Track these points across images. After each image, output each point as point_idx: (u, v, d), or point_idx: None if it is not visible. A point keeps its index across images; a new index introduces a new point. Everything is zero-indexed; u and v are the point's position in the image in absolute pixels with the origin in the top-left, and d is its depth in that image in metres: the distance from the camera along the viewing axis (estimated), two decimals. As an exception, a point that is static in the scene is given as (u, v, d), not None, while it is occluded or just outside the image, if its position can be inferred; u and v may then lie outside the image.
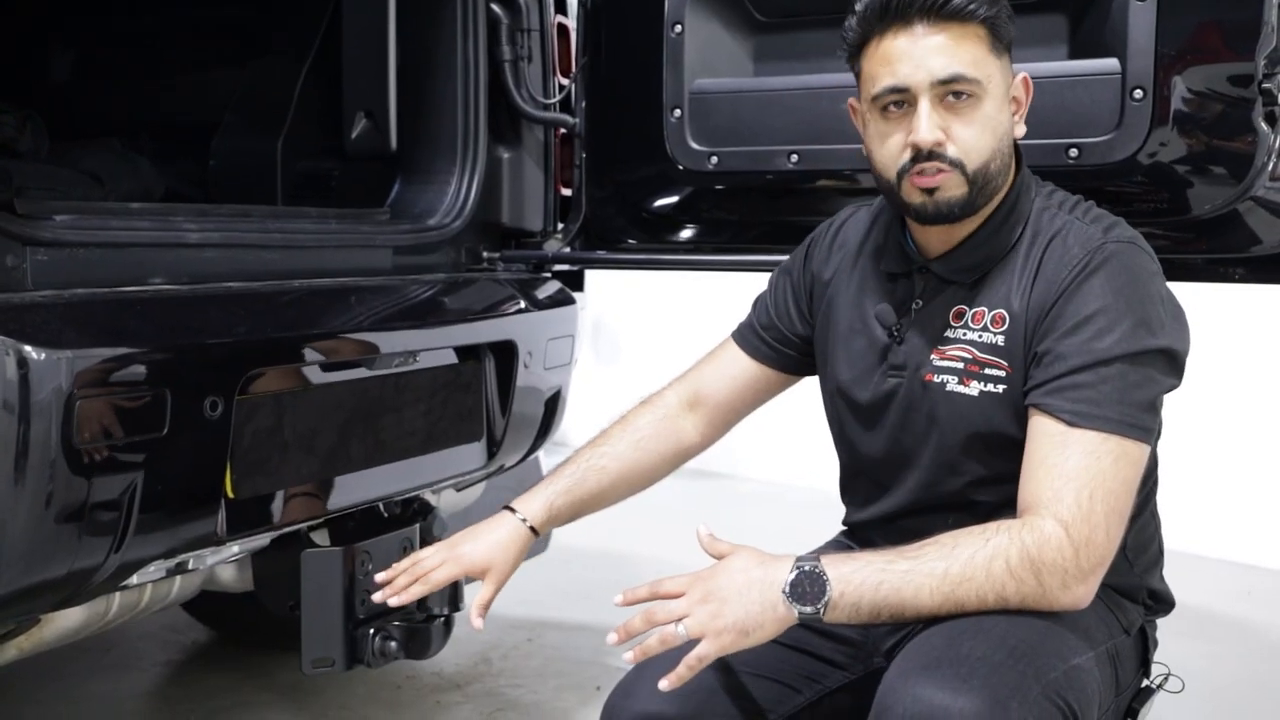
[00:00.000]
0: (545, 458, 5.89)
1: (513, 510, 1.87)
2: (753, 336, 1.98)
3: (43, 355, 1.60)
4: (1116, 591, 1.79)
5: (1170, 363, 1.66)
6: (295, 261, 2.19)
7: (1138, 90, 2.09)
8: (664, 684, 1.58)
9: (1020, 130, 1.76)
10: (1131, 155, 2.10)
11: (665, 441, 1.97)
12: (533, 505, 1.87)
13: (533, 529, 1.86)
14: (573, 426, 7.11)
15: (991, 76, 1.67)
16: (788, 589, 1.56)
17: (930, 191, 1.68)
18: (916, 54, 1.65)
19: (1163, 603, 1.89)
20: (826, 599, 1.56)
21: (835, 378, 1.88)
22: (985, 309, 1.72)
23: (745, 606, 1.57)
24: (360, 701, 3.06)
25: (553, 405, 2.62)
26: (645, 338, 6.30)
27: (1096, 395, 1.60)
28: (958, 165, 1.67)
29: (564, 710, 3.06)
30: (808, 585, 1.56)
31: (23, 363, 1.59)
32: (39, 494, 1.62)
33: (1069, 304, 1.65)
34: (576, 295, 2.84)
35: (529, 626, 3.64)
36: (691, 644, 1.57)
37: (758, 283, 2.08)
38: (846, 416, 1.88)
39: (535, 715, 3.03)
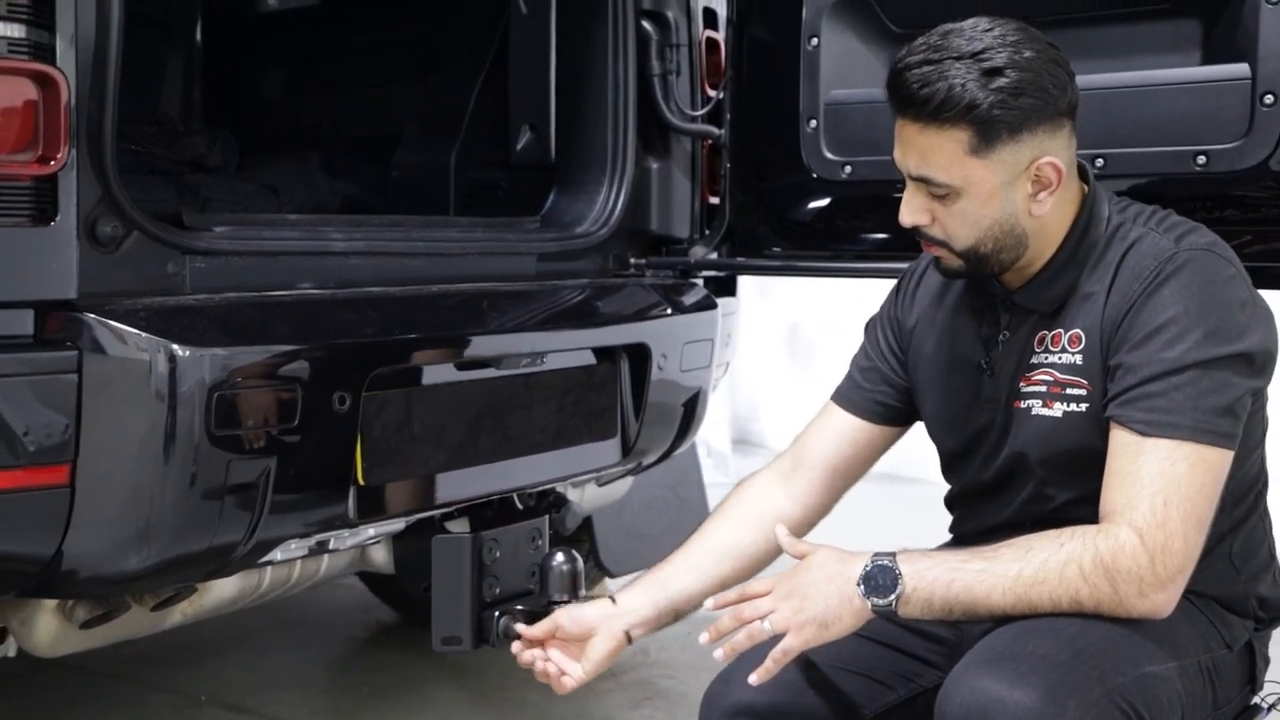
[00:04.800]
0: (738, 459, 5.95)
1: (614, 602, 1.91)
2: (852, 392, 1.98)
3: (188, 352, 1.81)
4: (1220, 604, 1.77)
5: (1249, 365, 1.64)
6: (439, 268, 2.36)
7: (1269, 95, 2.04)
8: (754, 678, 1.67)
9: (1040, 209, 1.71)
10: (1262, 162, 2.06)
11: (751, 527, 1.94)
12: (639, 607, 1.91)
13: (628, 635, 1.91)
14: (770, 428, 7.16)
15: (969, 178, 1.67)
16: (862, 582, 1.62)
17: (935, 259, 1.78)
18: (905, 144, 1.71)
19: (1274, 610, 1.85)
20: (899, 592, 1.61)
21: (933, 415, 1.92)
22: (1063, 330, 1.74)
23: (825, 600, 1.64)
24: (518, 683, 3.22)
25: (691, 406, 2.70)
26: (840, 341, 6.30)
27: (1168, 403, 1.60)
28: (944, 244, 1.73)
29: (709, 703, 3.14)
30: (880, 578, 1.62)
31: (171, 358, 1.80)
32: (183, 475, 1.82)
33: (1139, 315, 1.65)
34: (728, 300, 2.92)
35: (691, 621, 3.69)
36: (779, 639, 1.65)
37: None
38: (946, 449, 1.92)
39: (681, 705, 3.13)
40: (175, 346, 1.80)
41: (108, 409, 1.78)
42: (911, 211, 1.73)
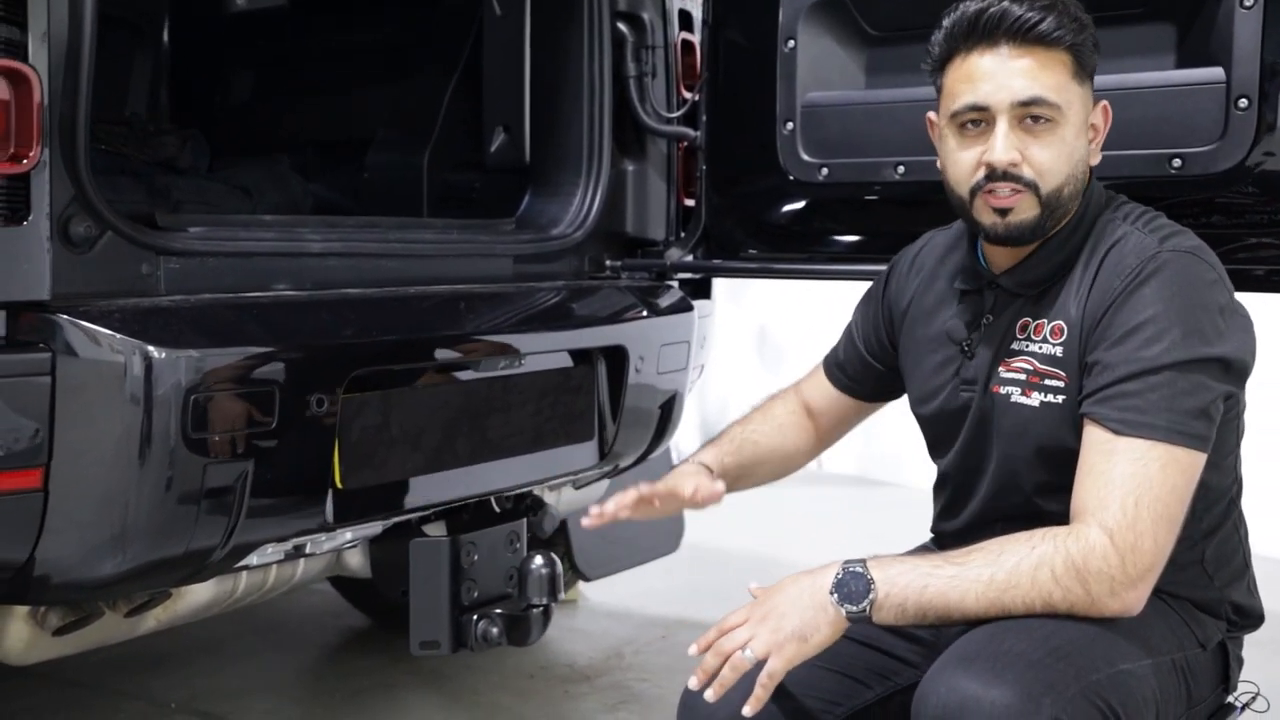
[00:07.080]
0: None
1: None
2: (835, 368, 2.08)
3: (163, 354, 1.79)
4: (1194, 605, 1.79)
5: (1225, 370, 1.65)
6: (416, 269, 2.34)
7: (1243, 99, 2.06)
8: (747, 709, 1.62)
9: (1096, 158, 1.77)
10: (1237, 165, 2.08)
11: (800, 433, 2.10)
12: (706, 455, 2.04)
13: (708, 468, 1.99)
14: (739, 431, 7.09)
15: (1072, 103, 1.70)
16: (834, 590, 1.62)
17: (1003, 213, 1.71)
18: (1000, 74, 1.69)
19: (1249, 617, 1.86)
20: (871, 598, 1.61)
21: (916, 394, 1.94)
22: (1045, 320, 1.75)
23: (800, 614, 1.63)
24: (492, 688, 3.21)
25: (668, 408, 2.70)
26: (809, 345, 6.31)
27: (1143, 403, 1.61)
28: (1032, 186, 1.70)
29: (685, 706, 3.13)
30: (853, 585, 1.62)
31: (147, 360, 1.78)
32: (159, 479, 1.80)
33: (1119, 313, 1.66)
34: (703, 303, 2.92)
35: (665, 624, 3.74)
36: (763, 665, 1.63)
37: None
38: (928, 431, 1.93)
39: (656, 709, 3.12)
40: (151, 348, 1.78)
41: (82, 412, 1.76)
42: (1007, 148, 1.68)
